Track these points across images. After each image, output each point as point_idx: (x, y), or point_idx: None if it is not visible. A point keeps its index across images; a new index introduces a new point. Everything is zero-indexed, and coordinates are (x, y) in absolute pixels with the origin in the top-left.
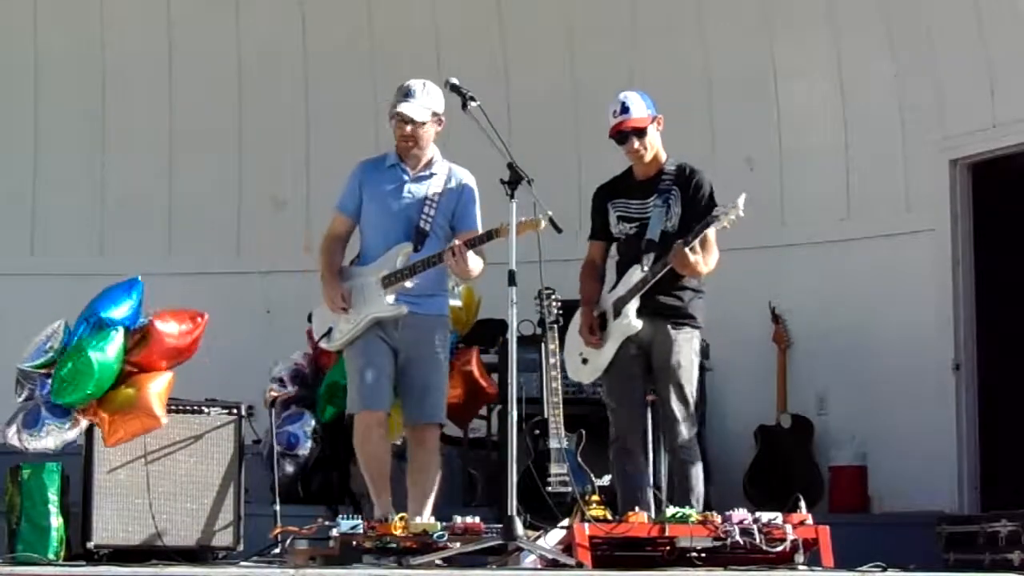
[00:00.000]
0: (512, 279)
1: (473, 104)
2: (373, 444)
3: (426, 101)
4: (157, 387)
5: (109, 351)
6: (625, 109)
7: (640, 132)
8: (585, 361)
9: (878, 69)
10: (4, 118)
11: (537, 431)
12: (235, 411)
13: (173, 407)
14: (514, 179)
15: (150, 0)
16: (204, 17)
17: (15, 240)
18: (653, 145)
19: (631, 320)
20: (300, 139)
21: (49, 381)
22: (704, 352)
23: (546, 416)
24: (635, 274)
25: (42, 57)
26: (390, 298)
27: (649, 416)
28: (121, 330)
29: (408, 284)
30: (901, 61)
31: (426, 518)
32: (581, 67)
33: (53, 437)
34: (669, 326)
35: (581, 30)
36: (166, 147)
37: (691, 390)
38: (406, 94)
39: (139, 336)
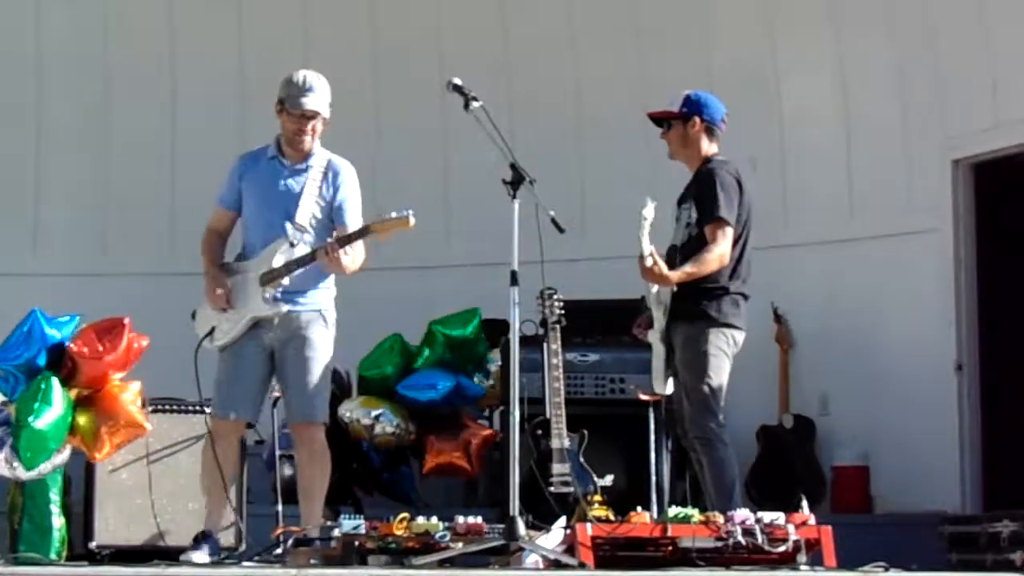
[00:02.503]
0: (514, 279)
1: (475, 104)
2: (210, 453)
3: (324, 94)
4: (128, 396)
5: (53, 409)
6: (671, 101)
7: (659, 121)
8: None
9: (880, 69)
10: (6, 118)
11: (539, 431)
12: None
13: (175, 407)
14: (516, 179)
15: (152, 0)
16: (206, 17)
17: (16, 240)
18: (682, 142)
19: (653, 329)
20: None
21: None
22: None
23: (548, 416)
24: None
25: (44, 56)
26: (268, 296)
27: (651, 415)
28: (51, 378)
29: (285, 281)
30: (903, 61)
31: (317, 518)
32: (583, 67)
33: (51, 464)
34: (683, 326)
35: (583, 30)
36: (168, 147)
37: (699, 384)
38: (306, 88)
39: (68, 367)
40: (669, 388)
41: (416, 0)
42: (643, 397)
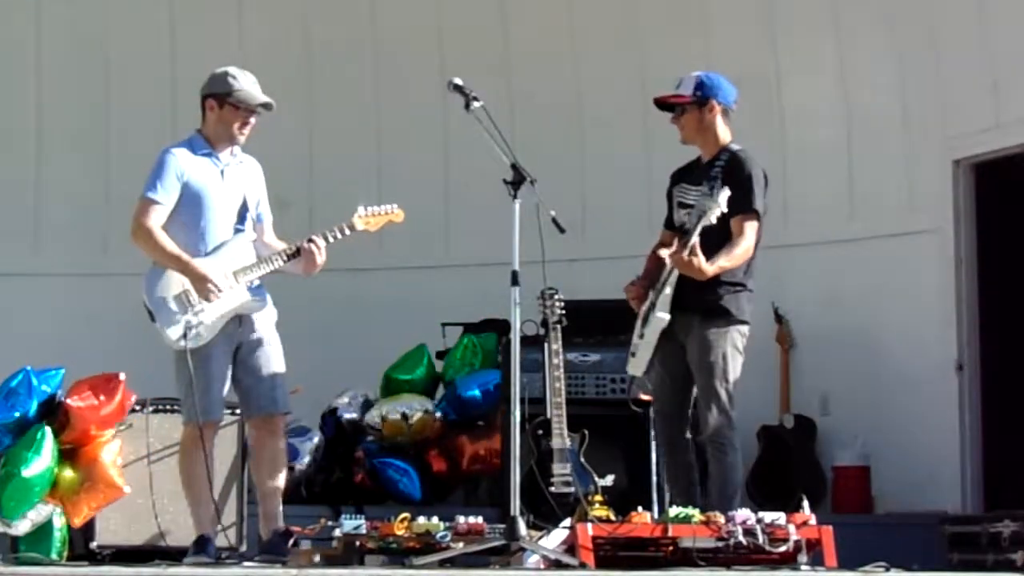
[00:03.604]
0: (515, 279)
1: (476, 104)
2: (198, 459)
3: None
4: (109, 457)
5: (42, 460)
6: (677, 85)
7: (671, 107)
8: (633, 354)
9: (881, 68)
10: (6, 117)
11: (540, 431)
12: (237, 412)
13: (175, 407)
14: (517, 179)
15: (152, 0)
16: (206, 17)
17: (17, 240)
18: (697, 127)
19: (660, 314)
20: (303, 139)
21: None
22: None
23: (549, 416)
24: (666, 268)
25: (44, 56)
26: (242, 290)
27: (652, 415)
28: (44, 428)
29: (255, 277)
30: (904, 61)
31: (280, 515)
32: (584, 67)
33: (30, 520)
34: (699, 321)
35: (584, 30)
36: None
37: (721, 385)
38: (254, 82)
39: (61, 420)
40: (640, 370)
41: (416, 0)
42: (643, 397)
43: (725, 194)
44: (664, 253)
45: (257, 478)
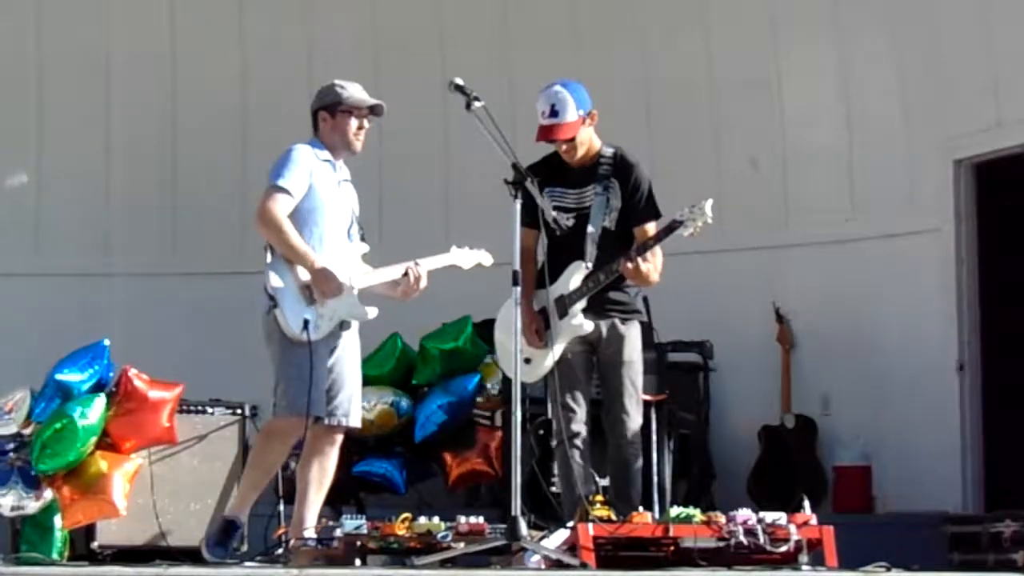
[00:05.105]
0: (515, 279)
1: (477, 104)
2: (283, 449)
3: None
4: (122, 474)
5: (92, 416)
6: (554, 113)
7: (570, 139)
8: (528, 361)
9: (882, 69)
10: (7, 117)
11: (541, 431)
12: (239, 411)
13: (177, 408)
14: (517, 179)
15: (153, 0)
16: (206, 17)
17: (18, 239)
18: (585, 142)
19: (581, 321)
20: (304, 139)
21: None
22: (708, 352)
23: (550, 416)
24: (578, 271)
25: (45, 56)
26: (355, 297)
27: (653, 415)
28: (103, 395)
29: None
30: (904, 61)
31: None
32: (585, 67)
33: (11, 499)
34: (618, 321)
35: (585, 30)
36: (169, 146)
37: (640, 385)
38: (360, 89)
39: (115, 397)
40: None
41: (416, 0)
42: (644, 397)
43: (710, 203)
44: (586, 265)
45: (301, 485)
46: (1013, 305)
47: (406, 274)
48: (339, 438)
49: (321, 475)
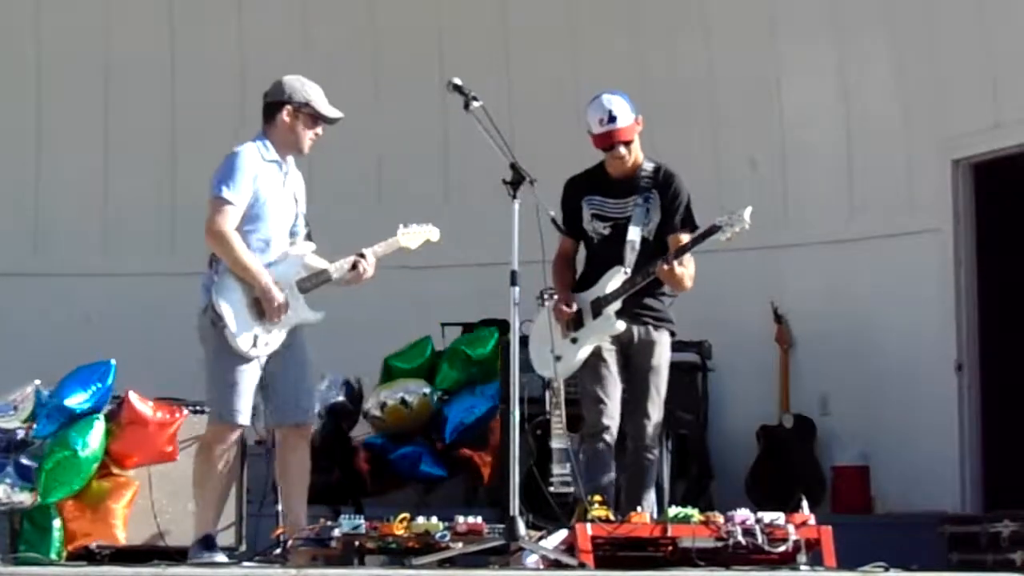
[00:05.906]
0: (514, 279)
1: (475, 104)
2: (227, 460)
3: None
4: (121, 500)
5: (93, 443)
6: (612, 118)
7: (629, 142)
8: (559, 358)
9: (880, 69)
10: (7, 117)
11: (539, 431)
12: None
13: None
14: (516, 179)
15: (152, 0)
16: (206, 17)
17: (17, 240)
18: (637, 147)
19: (614, 321)
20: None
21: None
22: (706, 352)
23: (548, 416)
24: (616, 276)
25: (45, 56)
26: (303, 304)
27: None
28: (102, 418)
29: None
30: (904, 61)
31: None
32: (584, 67)
33: (2, 490)
34: (651, 328)
35: (584, 30)
36: (168, 147)
37: (664, 392)
38: (323, 95)
39: (117, 419)
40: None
41: (416, 0)
42: None
43: (748, 210)
44: (625, 271)
45: (285, 487)
46: (1011, 305)
47: (355, 267)
48: (309, 432)
49: (301, 472)
